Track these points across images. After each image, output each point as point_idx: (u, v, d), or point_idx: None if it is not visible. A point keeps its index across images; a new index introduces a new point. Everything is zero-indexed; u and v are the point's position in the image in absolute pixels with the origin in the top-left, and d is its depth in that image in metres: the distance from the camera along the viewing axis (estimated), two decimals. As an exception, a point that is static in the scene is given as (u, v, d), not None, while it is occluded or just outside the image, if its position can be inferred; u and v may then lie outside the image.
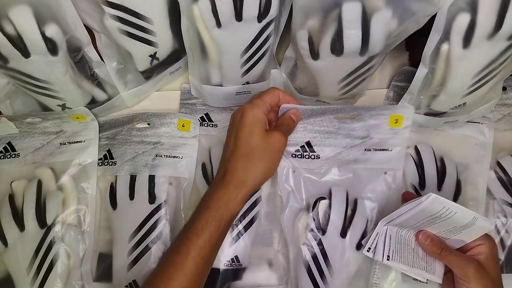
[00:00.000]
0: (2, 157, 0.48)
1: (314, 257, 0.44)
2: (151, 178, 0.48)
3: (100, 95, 0.49)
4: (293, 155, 0.46)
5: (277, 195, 0.50)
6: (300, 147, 0.46)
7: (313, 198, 0.46)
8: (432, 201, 0.36)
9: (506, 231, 0.47)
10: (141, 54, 0.46)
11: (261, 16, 0.39)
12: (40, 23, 0.37)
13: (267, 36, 0.42)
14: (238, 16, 0.39)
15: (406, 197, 0.44)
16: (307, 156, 0.46)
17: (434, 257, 0.42)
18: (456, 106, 0.45)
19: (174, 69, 0.53)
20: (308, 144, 0.46)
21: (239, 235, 0.46)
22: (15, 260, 0.44)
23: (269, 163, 0.41)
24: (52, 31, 0.38)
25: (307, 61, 0.42)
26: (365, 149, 0.46)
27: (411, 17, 0.36)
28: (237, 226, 0.46)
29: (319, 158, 0.46)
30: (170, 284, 0.36)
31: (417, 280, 0.44)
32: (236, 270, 0.46)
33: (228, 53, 0.43)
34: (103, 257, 0.47)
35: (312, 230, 0.44)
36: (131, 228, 0.46)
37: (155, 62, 0.48)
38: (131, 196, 0.47)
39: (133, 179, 0.48)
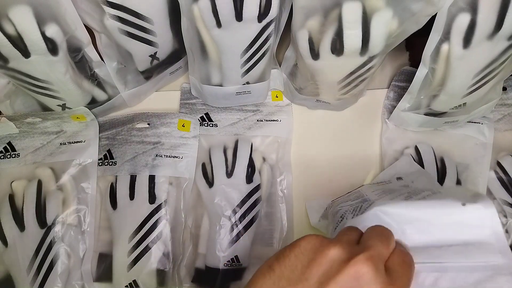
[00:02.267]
0: (2, 157, 0.48)
1: None
2: (151, 178, 0.48)
3: (100, 95, 0.49)
4: None
5: (277, 196, 0.50)
6: None
7: None
8: None
9: (506, 231, 0.47)
10: (141, 54, 0.46)
11: (261, 16, 0.39)
12: (40, 23, 0.37)
13: (267, 36, 0.42)
14: (238, 16, 0.39)
15: None
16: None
17: None
18: (456, 106, 0.45)
19: (174, 69, 0.53)
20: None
21: (239, 235, 0.46)
22: (15, 260, 0.44)
23: None
24: (52, 31, 0.38)
25: (307, 61, 0.42)
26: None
27: (411, 17, 0.36)
28: (237, 226, 0.46)
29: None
30: None
31: None
32: (236, 270, 0.46)
33: (228, 53, 0.43)
34: (103, 257, 0.47)
35: None
36: (131, 228, 0.45)
37: (155, 62, 0.48)
38: (131, 196, 0.47)
39: (133, 179, 0.48)
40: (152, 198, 0.47)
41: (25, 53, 0.38)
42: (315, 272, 0.26)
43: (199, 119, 0.52)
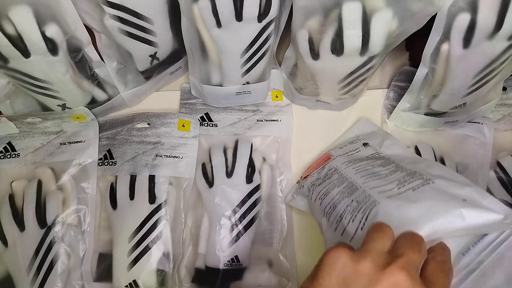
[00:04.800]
0: (2, 157, 0.48)
1: None
2: (151, 178, 0.48)
3: (100, 95, 0.49)
4: None
5: (277, 195, 0.50)
6: None
7: None
8: None
9: (506, 231, 0.47)
10: (141, 54, 0.46)
11: (261, 16, 0.39)
12: (40, 23, 0.37)
13: (267, 36, 0.42)
14: (238, 16, 0.39)
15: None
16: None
17: None
18: (456, 106, 0.45)
19: (174, 69, 0.53)
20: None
21: (239, 235, 0.46)
22: (15, 260, 0.44)
23: None
24: (52, 31, 0.38)
25: (307, 61, 0.42)
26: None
27: (411, 17, 0.36)
28: (237, 226, 0.46)
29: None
30: None
31: None
32: (236, 270, 0.46)
33: (228, 53, 0.43)
34: (103, 257, 0.47)
35: None
36: (131, 228, 0.45)
37: (155, 62, 0.48)
38: (131, 196, 0.47)
39: (133, 179, 0.48)
40: (152, 198, 0.47)
41: (25, 53, 0.38)
42: None
43: (199, 119, 0.52)
